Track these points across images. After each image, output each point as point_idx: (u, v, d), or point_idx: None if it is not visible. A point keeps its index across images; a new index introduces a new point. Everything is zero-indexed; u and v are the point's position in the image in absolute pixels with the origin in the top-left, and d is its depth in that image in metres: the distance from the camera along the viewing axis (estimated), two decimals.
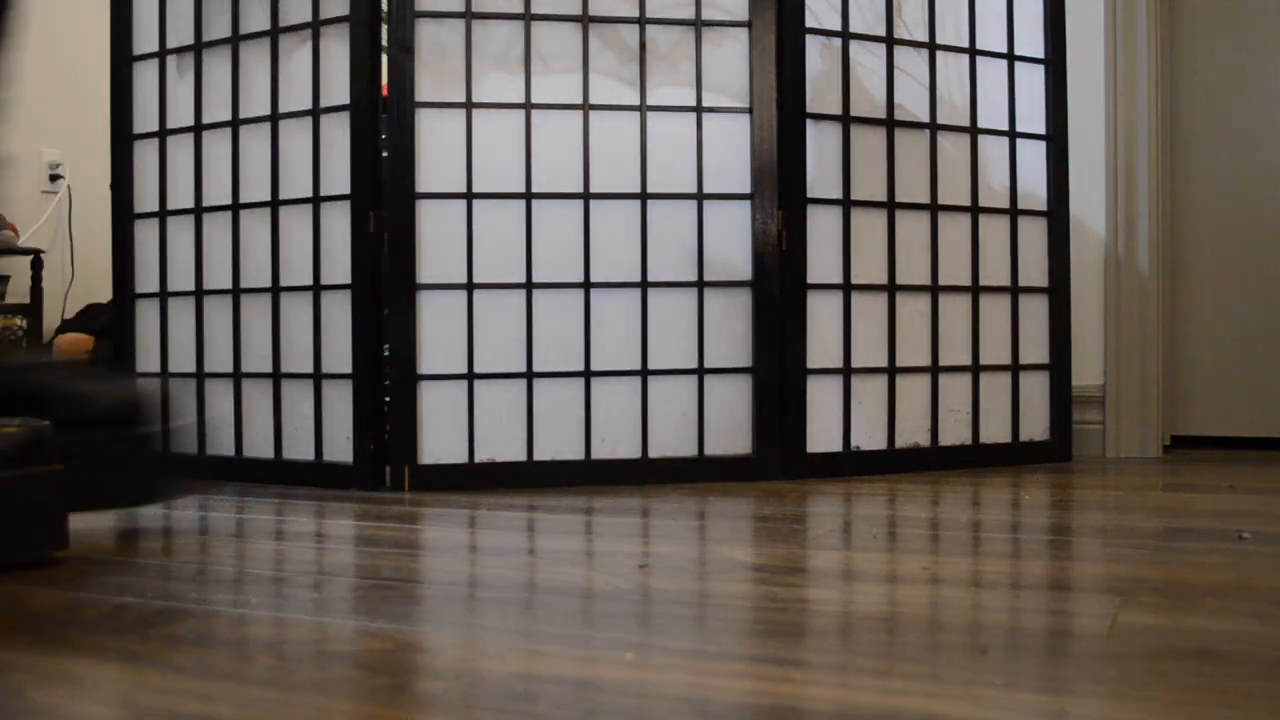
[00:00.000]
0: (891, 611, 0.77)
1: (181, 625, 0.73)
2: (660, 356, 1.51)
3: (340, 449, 1.49)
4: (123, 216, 1.66)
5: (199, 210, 1.60)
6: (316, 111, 1.52)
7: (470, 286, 1.47)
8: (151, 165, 1.64)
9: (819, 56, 1.60)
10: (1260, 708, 0.55)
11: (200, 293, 1.60)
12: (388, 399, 1.47)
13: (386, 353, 1.48)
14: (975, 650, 0.66)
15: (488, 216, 1.49)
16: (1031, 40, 1.77)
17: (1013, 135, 1.74)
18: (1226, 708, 0.55)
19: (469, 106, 1.49)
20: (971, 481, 1.51)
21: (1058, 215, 1.77)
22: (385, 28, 1.50)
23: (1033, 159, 1.76)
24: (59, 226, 3.59)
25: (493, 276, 1.48)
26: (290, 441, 1.53)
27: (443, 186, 1.48)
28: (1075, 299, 1.81)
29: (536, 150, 1.50)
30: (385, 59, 1.50)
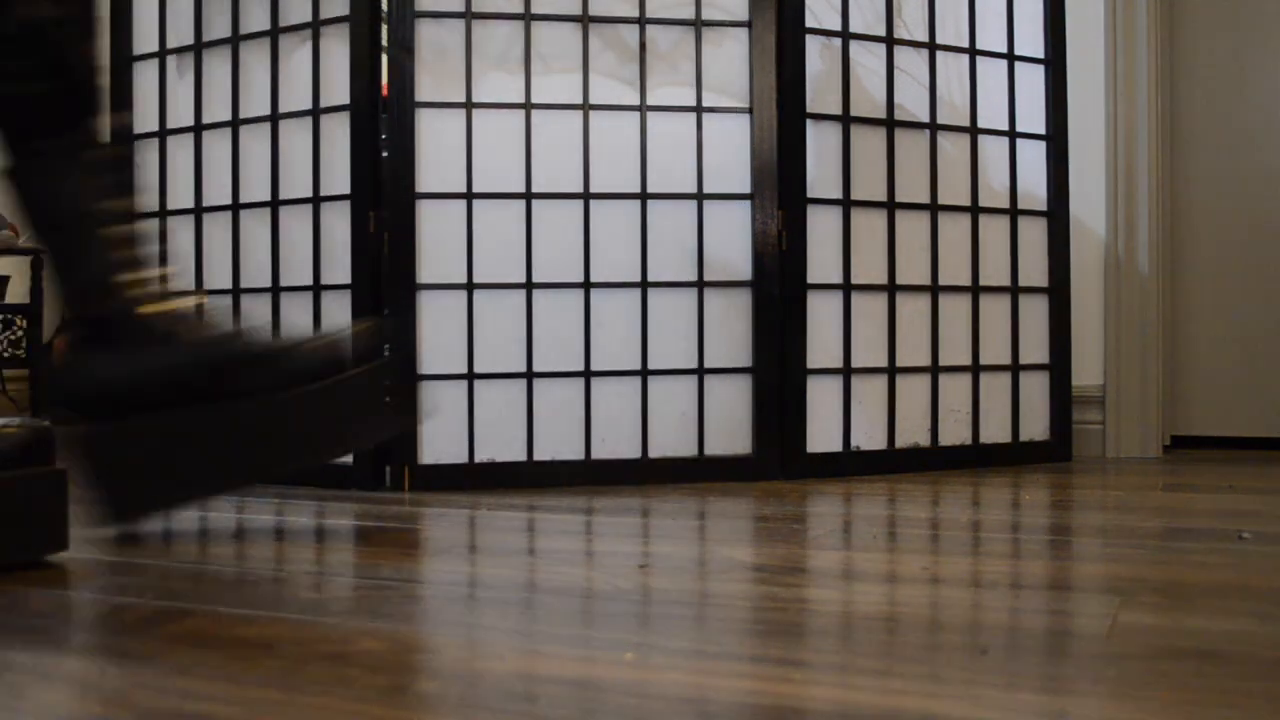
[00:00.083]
0: (891, 611, 0.77)
1: (181, 625, 0.73)
2: (660, 356, 1.51)
3: None
4: None
5: (199, 210, 1.60)
6: (316, 111, 1.52)
7: (470, 286, 1.48)
8: (151, 165, 1.64)
9: (819, 56, 1.60)
10: (1260, 708, 0.55)
11: (200, 293, 1.60)
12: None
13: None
14: (975, 650, 0.66)
15: (488, 216, 1.49)
16: (1031, 40, 1.77)
17: (1013, 135, 1.74)
18: (1226, 708, 0.55)
19: (469, 106, 1.49)
20: (971, 481, 1.51)
21: (1058, 215, 1.77)
22: (385, 28, 1.50)
23: (1033, 159, 1.76)
24: None
25: (493, 276, 1.48)
26: None
27: (443, 186, 1.48)
28: (1075, 299, 1.81)
29: (536, 150, 1.50)
30: (385, 59, 1.50)
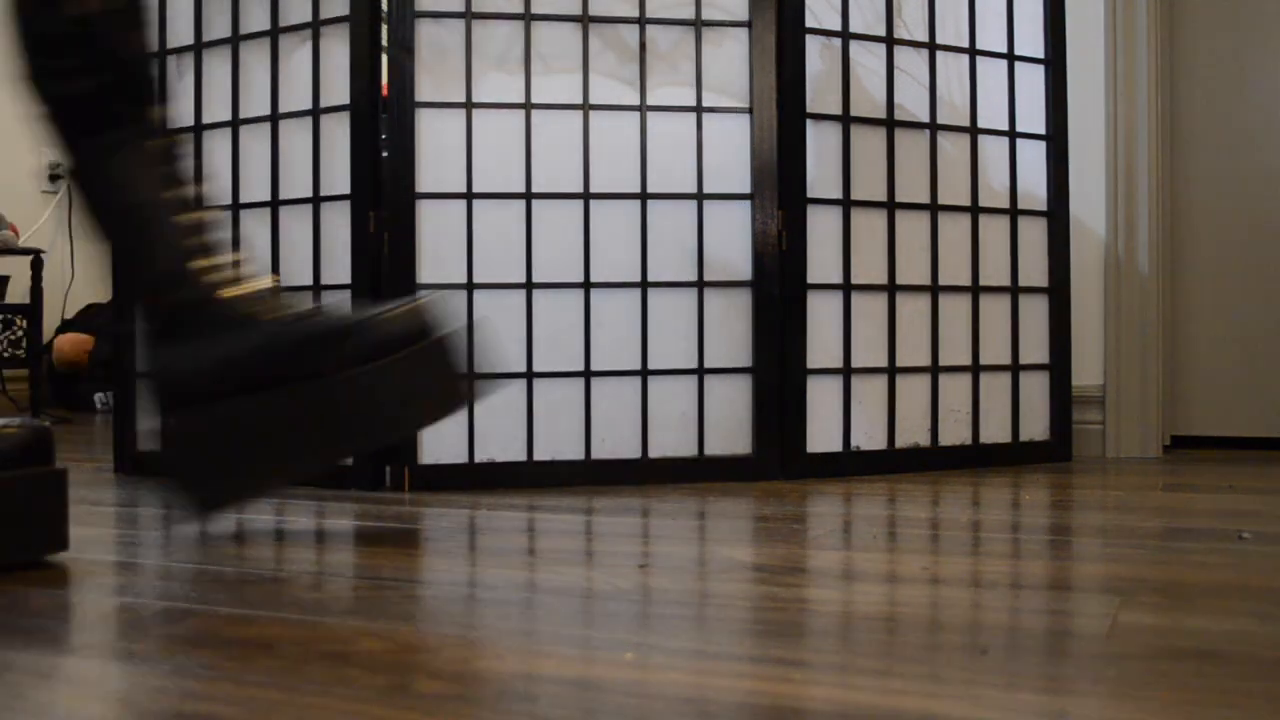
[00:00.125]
0: (891, 611, 0.77)
1: (181, 625, 0.73)
2: (660, 356, 1.51)
3: None
4: None
5: None
6: (316, 111, 1.52)
7: (470, 286, 1.47)
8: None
9: (819, 56, 1.60)
10: (1260, 708, 0.55)
11: None
12: None
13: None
14: (975, 650, 0.66)
15: (488, 216, 1.49)
16: (1031, 40, 1.77)
17: (1013, 135, 1.74)
18: (1226, 708, 0.55)
19: (469, 106, 1.49)
20: (971, 481, 1.51)
21: (1058, 215, 1.77)
22: (385, 28, 1.50)
23: (1033, 159, 1.76)
24: (59, 226, 3.59)
25: (493, 276, 1.48)
26: None
27: (443, 186, 1.48)
28: (1075, 299, 1.81)
29: (536, 150, 1.50)
30: (385, 59, 1.50)
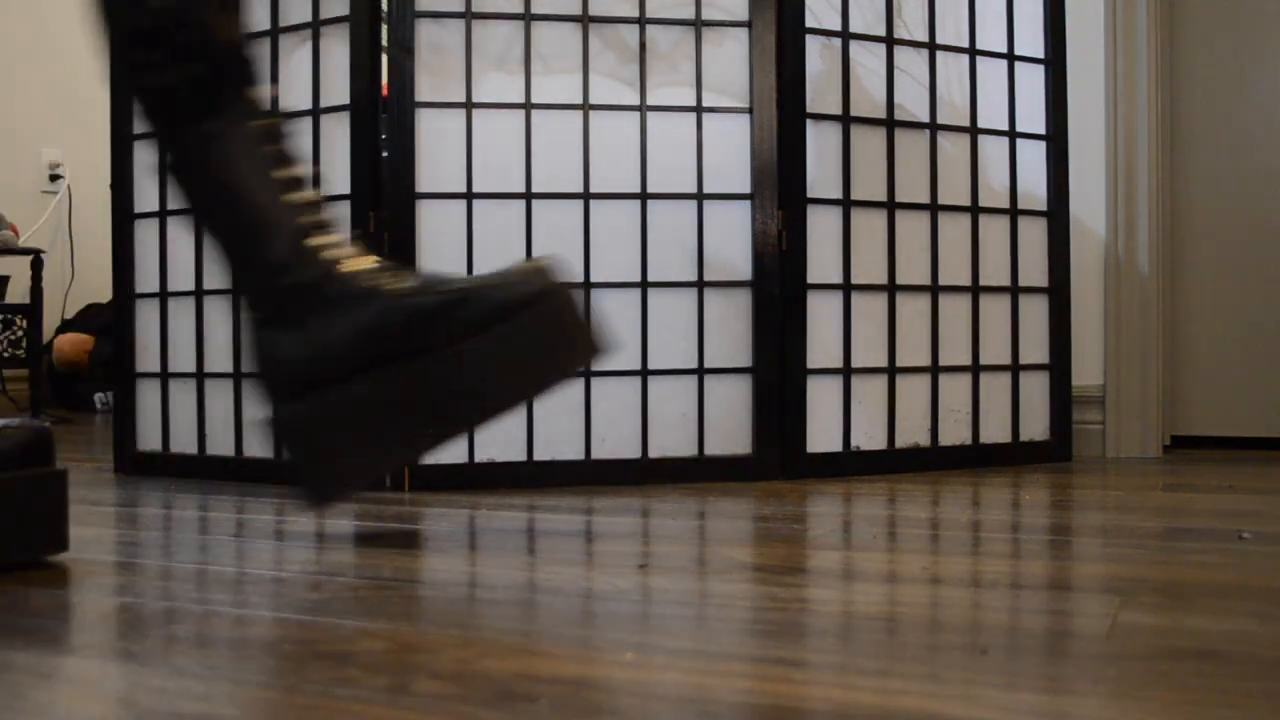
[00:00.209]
0: (891, 611, 0.77)
1: (181, 625, 0.73)
2: (660, 356, 1.51)
3: None
4: (123, 216, 1.66)
5: None
6: (316, 111, 1.52)
7: None
8: (151, 165, 1.64)
9: (819, 56, 1.60)
10: (1260, 708, 0.55)
11: (200, 293, 1.60)
12: None
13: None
14: (975, 650, 0.66)
15: (488, 216, 1.49)
16: (1031, 40, 1.77)
17: (1013, 135, 1.74)
18: (1226, 708, 0.55)
19: (469, 106, 1.49)
20: (971, 481, 1.51)
21: (1058, 215, 1.77)
22: (385, 28, 1.50)
23: (1033, 159, 1.76)
24: (59, 226, 3.59)
25: None
26: None
27: (443, 186, 1.48)
28: (1075, 299, 1.81)
29: (536, 150, 1.50)
30: (385, 59, 1.50)
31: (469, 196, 1.48)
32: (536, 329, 1.02)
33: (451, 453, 1.46)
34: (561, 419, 1.49)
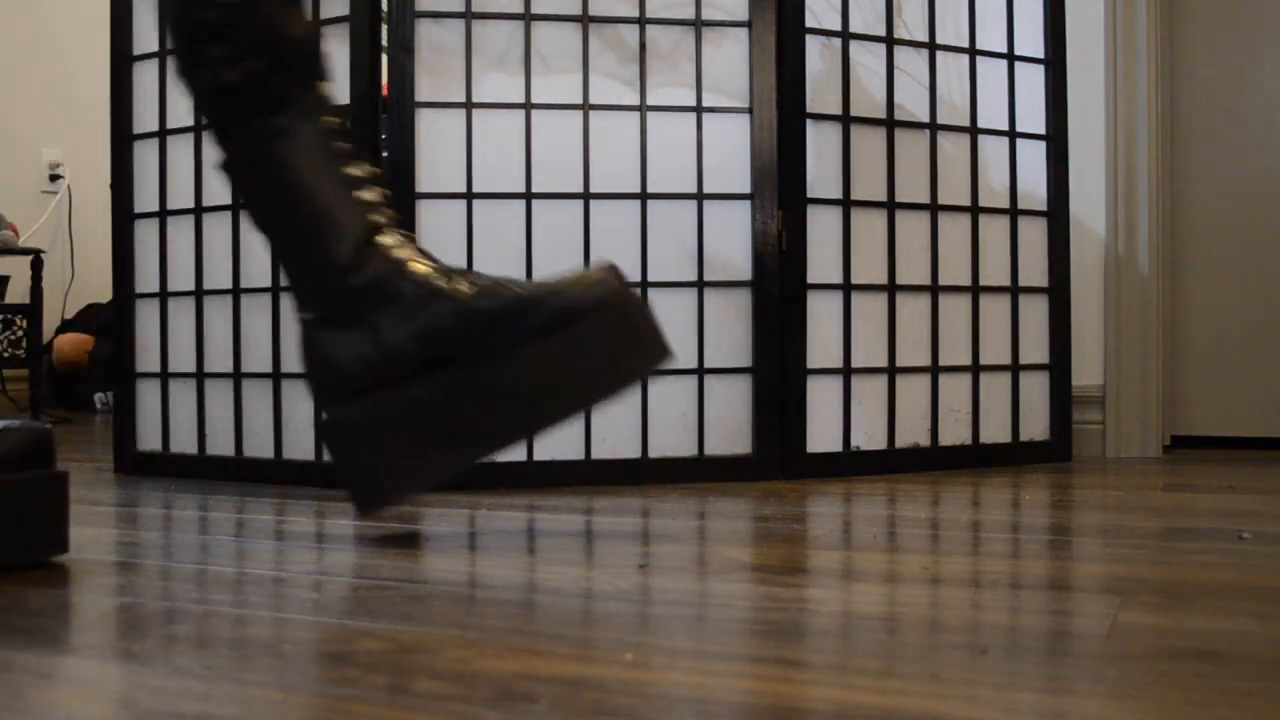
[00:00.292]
0: (891, 612, 0.77)
1: (181, 625, 0.73)
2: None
3: None
4: (123, 216, 1.66)
5: (199, 210, 1.60)
6: None
7: None
8: (151, 165, 1.64)
9: (819, 56, 1.60)
10: (1260, 708, 0.55)
11: (200, 293, 1.60)
12: None
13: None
14: (975, 650, 0.66)
15: (488, 216, 1.49)
16: (1031, 40, 1.77)
17: (1013, 135, 1.74)
18: (1226, 708, 0.55)
19: (469, 106, 1.49)
20: (971, 481, 1.51)
21: (1058, 215, 1.77)
22: (385, 28, 1.50)
23: (1033, 159, 1.76)
24: (59, 226, 3.59)
25: None
26: (290, 441, 1.53)
27: (443, 186, 1.48)
28: (1075, 299, 1.81)
29: (536, 150, 1.50)
30: (385, 59, 1.50)
31: (469, 196, 1.48)
32: (600, 335, 1.00)
33: None
34: None
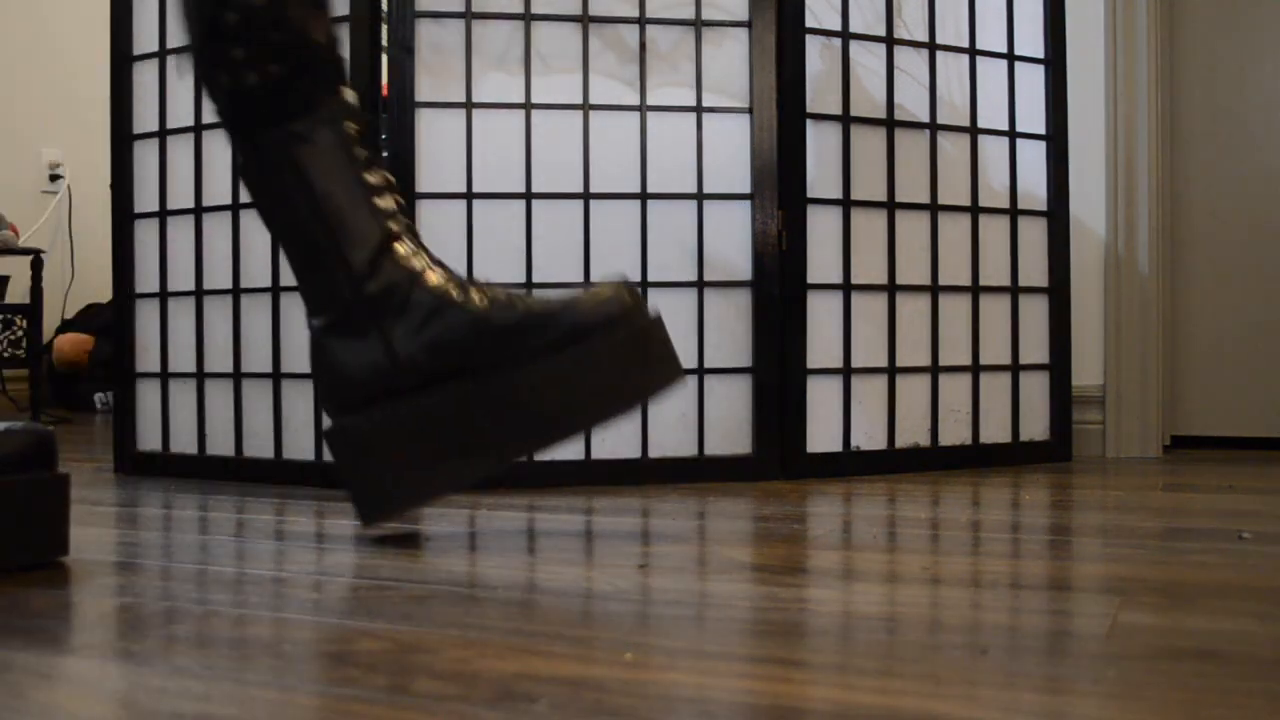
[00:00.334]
0: (891, 612, 0.77)
1: (181, 625, 0.73)
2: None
3: None
4: (123, 216, 1.66)
5: (199, 210, 1.60)
6: None
7: None
8: (151, 165, 1.64)
9: (819, 56, 1.60)
10: (1260, 708, 0.55)
11: (200, 293, 1.60)
12: None
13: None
14: (975, 650, 0.66)
15: (488, 216, 1.49)
16: (1031, 40, 1.77)
17: (1013, 135, 1.74)
18: (1226, 708, 0.55)
19: (469, 106, 1.49)
20: (971, 481, 1.51)
21: (1058, 215, 1.77)
22: (385, 28, 1.50)
23: (1033, 159, 1.76)
24: (59, 226, 3.59)
25: (493, 276, 1.48)
26: (290, 441, 1.53)
27: (443, 186, 1.48)
28: (1075, 299, 1.81)
29: (536, 150, 1.50)
30: (385, 59, 1.50)
31: (469, 196, 1.48)
32: (611, 352, 0.99)
33: None
34: None
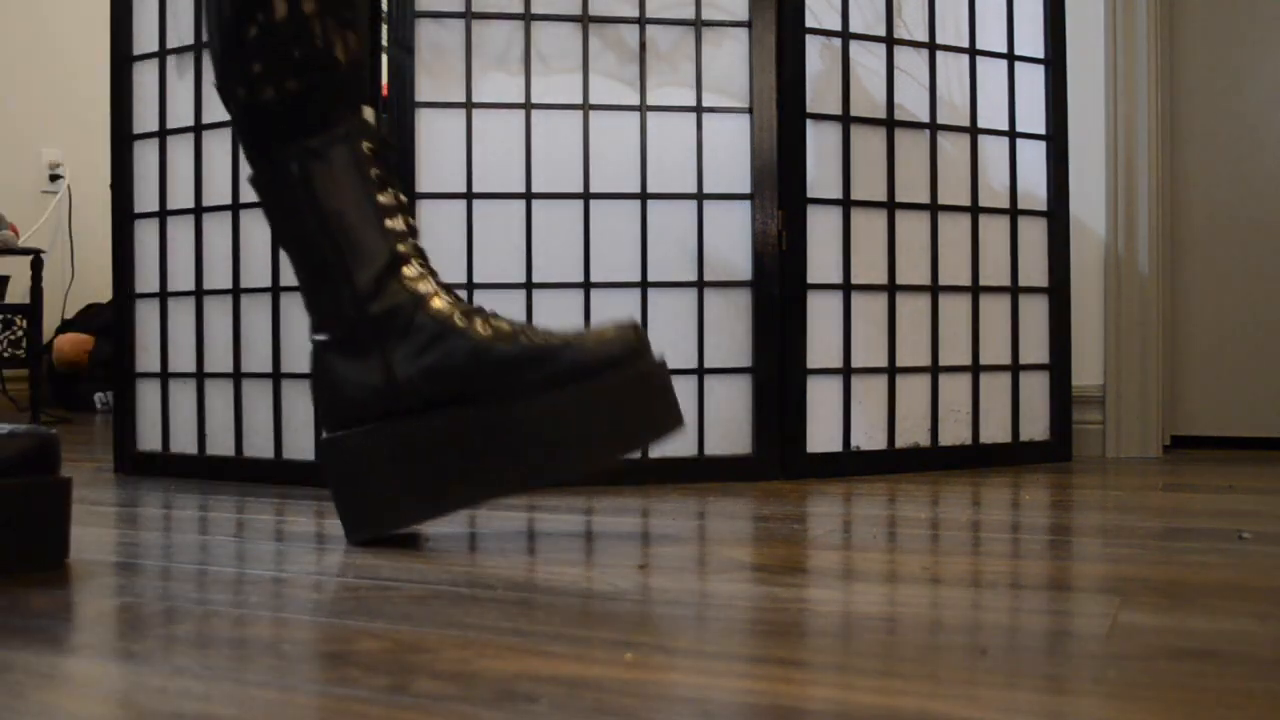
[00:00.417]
0: (891, 612, 0.77)
1: (181, 625, 0.73)
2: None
3: None
4: (123, 216, 1.66)
5: (199, 210, 1.60)
6: None
7: (470, 286, 1.47)
8: (151, 165, 1.64)
9: (819, 56, 1.60)
10: (1260, 708, 0.55)
11: (200, 293, 1.60)
12: None
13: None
14: (975, 650, 0.66)
15: (488, 216, 1.49)
16: (1031, 40, 1.77)
17: (1013, 135, 1.74)
18: (1226, 708, 0.55)
19: (469, 106, 1.49)
20: (971, 481, 1.51)
21: (1058, 215, 1.77)
22: (385, 28, 1.50)
23: (1033, 159, 1.76)
24: (59, 226, 3.60)
25: (493, 276, 1.48)
26: (290, 441, 1.53)
27: (443, 186, 1.48)
28: (1075, 299, 1.81)
29: (536, 150, 1.50)
30: (385, 59, 1.50)
31: (469, 196, 1.48)
32: (611, 395, 0.98)
33: None
34: None
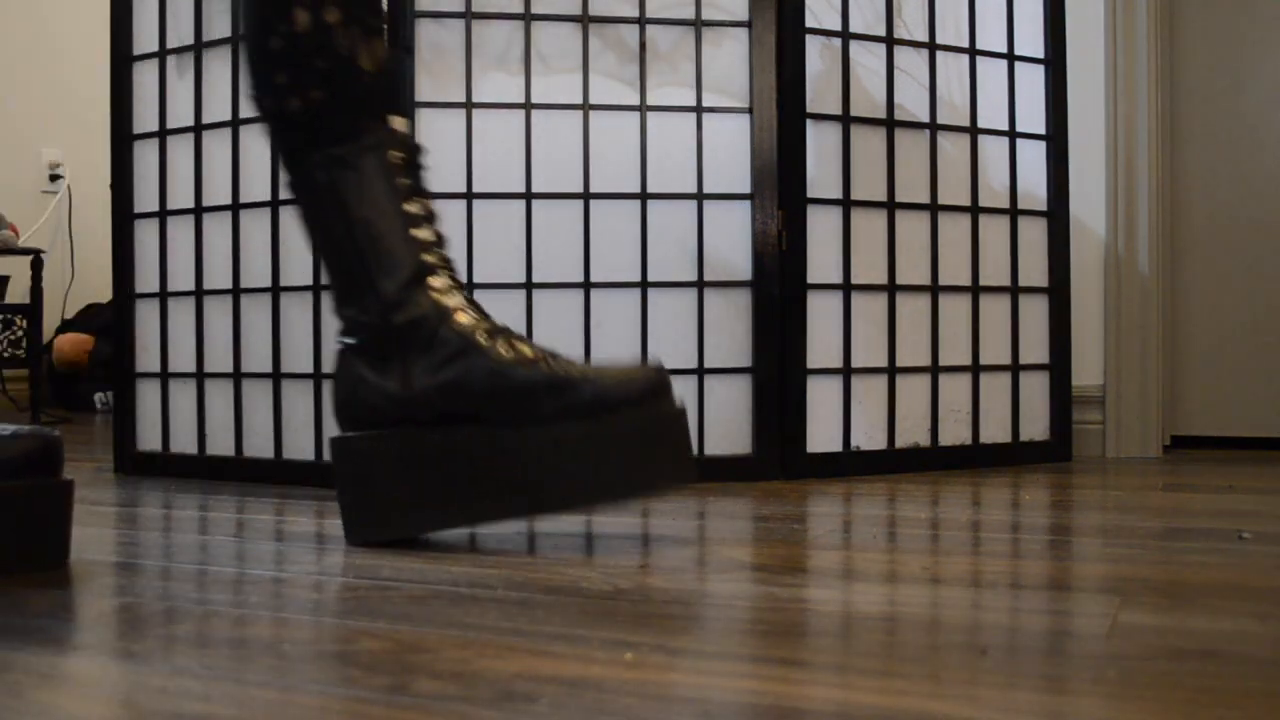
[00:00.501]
0: (891, 612, 0.77)
1: (181, 625, 0.73)
2: (660, 356, 1.51)
3: None
4: (123, 216, 1.66)
5: (199, 210, 1.60)
6: None
7: (470, 286, 1.47)
8: (151, 165, 1.64)
9: (819, 56, 1.60)
10: (1260, 708, 0.55)
11: (200, 293, 1.60)
12: None
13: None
14: (975, 650, 0.66)
15: (488, 216, 1.49)
16: (1031, 40, 1.77)
17: (1013, 135, 1.74)
18: (1226, 708, 0.55)
19: (469, 106, 1.49)
20: (971, 481, 1.51)
21: (1058, 215, 1.77)
22: (385, 28, 1.49)
23: (1033, 159, 1.76)
24: (59, 226, 3.60)
25: (493, 276, 1.48)
26: (290, 441, 1.53)
27: (442, 186, 1.48)
28: (1075, 299, 1.81)
29: (536, 150, 1.50)
30: None
31: (469, 196, 1.48)
32: (626, 436, 0.97)
33: None
34: None
